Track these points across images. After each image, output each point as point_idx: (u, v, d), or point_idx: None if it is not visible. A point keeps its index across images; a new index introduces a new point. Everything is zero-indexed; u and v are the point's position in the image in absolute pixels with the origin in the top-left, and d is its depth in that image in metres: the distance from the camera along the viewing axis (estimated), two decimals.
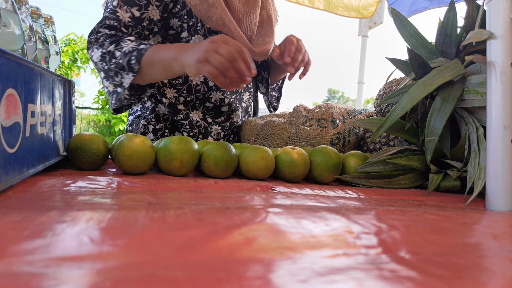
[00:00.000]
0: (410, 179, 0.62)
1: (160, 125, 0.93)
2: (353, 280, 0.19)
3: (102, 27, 0.77)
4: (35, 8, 0.67)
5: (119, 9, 0.77)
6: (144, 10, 0.79)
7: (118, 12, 0.76)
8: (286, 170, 0.60)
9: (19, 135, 0.38)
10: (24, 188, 0.39)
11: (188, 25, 0.84)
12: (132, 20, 0.78)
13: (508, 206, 0.44)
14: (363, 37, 2.53)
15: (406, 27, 0.66)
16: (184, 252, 0.22)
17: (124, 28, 0.78)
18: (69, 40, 6.92)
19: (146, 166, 0.55)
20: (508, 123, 0.44)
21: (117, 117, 6.75)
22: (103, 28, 0.77)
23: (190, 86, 0.90)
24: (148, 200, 0.37)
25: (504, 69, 0.45)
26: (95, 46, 0.75)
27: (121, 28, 0.77)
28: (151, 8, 0.79)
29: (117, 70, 0.74)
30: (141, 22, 0.79)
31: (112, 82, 0.77)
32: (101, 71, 0.77)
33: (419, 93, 0.55)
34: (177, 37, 0.86)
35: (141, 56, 0.72)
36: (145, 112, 0.95)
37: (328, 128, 0.84)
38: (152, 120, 0.92)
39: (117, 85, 0.77)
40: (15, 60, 0.37)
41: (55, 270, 0.18)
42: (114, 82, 0.76)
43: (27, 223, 0.25)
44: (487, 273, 0.23)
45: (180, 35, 0.85)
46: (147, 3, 0.78)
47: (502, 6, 0.45)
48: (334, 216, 0.34)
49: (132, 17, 0.78)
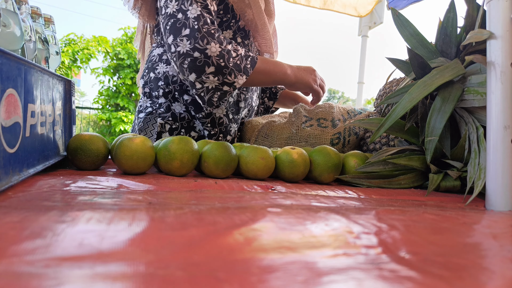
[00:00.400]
0: (410, 179, 0.62)
1: (176, 124, 0.92)
2: (353, 280, 0.19)
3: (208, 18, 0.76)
4: (35, 8, 0.67)
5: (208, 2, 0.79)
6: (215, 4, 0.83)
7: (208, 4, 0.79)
8: (286, 170, 0.60)
9: (19, 135, 0.38)
10: (24, 188, 0.39)
11: (222, 20, 0.87)
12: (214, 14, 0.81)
13: (508, 206, 0.44)
14: (363, 37, 2.53)
15: (406, 27, 0.66)
16: (184, 252, 0.22)
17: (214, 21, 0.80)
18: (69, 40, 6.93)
19: (146, 166, 0.55)
20: (508, 123, 0.44)
21: (117, 117, 6.76)
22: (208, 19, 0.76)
23: None
24: (148, 200, 0.37)
25: (504, 69, 0.45)
26: (212, 39, 0.74)
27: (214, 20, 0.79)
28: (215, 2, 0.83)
29: (234, 69, 0.77)
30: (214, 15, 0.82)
31: (222, 79, 0.77)
32: (211, 66, 0.75)
33: (419, 93, 0.55)
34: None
35: (255, 63, 0.80)
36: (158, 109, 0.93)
37: (328, 128, 0.84)
38: (169, 119, 0.91)
39: (226, 83, 0.79)
40: (15, 60, 0.37)
41: (55, 270, 0.18)
42: (226, 79, 0.78)
43: (27, 223, 0.25)
44: (487, 273, 0.23)
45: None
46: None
47: (502, 6, 0.45)
48: (334, 216, 0.34)
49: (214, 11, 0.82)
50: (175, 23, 0.76)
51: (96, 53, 6.92)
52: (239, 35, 0.90)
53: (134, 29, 7.11)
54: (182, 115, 0.91)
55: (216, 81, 0.78)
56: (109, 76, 7.01)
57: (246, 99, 0.98)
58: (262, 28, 0.90)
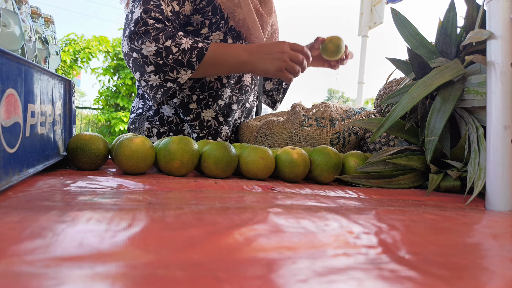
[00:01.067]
0: (410, 179, 0.62)
1: (164, 128, 0.93)
2: (353, 280, 0.19)
3: (149, 18, 0.76)
4: (35, 8, 0.67)
5: (162, 2, 0.78)
6: (182, 5, 0.81)
7: (162, 5, 0.78)
8: (286, 170, 0.60)
9: (19, 135, 0.38)
10: (24, 188, 0.39)
11: (211, 22, 0.86)
12: (172, 14, 0.79)
13: (508, 206, 0.44)
14: (363, 37, 2.53)
15: (406, 27, 0.66)
16: (184, 252, 0.22)
17: (166, 21, 0.79)
18: (70, 40, 6.92)
19: (146, 166, 0.55)
20: (508, 123, 0.44)
21: (117, 117, 6.75)
22: (150, 19, 0.76)
23: (204, 83, 0.91)
24: (148, 200, 0.37)
25: (504, 69, 0.45)
26: (147, 39, 0.75)
27: (165, 21, 0.78)
28: (187, 4, 0.82)
29: (175, 65, 0.77)
30: (178, 16, 0.81)
31: (164, 76, 0.78)
32: (150, 65, 0.77)
33: (419, 93, 0.55)
34: (195, 33, 0.87)
35: (203, 55, 0.77)
36: (147, 112, 0.94)
37: (327, 127, 0.84)
38: (156, 123, 0.92)
39: (169, 80, 0.79)
40: (15, 60, 0.37)
41: (55, 270, 0.18)
42: (167, 76, 0.78)
43: (27, 223, 0.25)
44: (487, 273, 0.23)
45: (200, 31, 0.87)
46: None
47: (502, 6, 0.45)
48: (334, 216, 0.34)
49: (172, 11, 0.79)
50: (124, 24, 0.80)
51: (97, 52, 6.92)
52: (230, 36, 0.89)
53: None
54: (171, 118, 0.92)
55: (158, 79, 0.79)
56: (109, 76, 7.01)
57: (239, 101, 0.97)
58: (253, 27, 0.89)
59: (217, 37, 0.87)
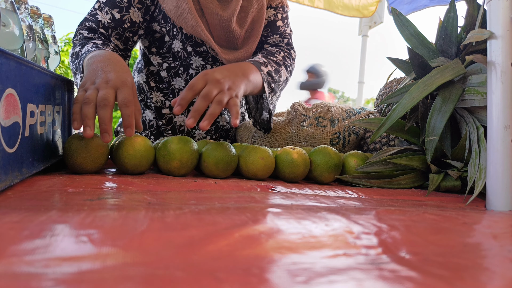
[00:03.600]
0: (410, 179, 0.62)
1: (146, 132, 0.95)
2: (353, 280, 0.19)
3: (83, 29, 0.78)
4: (35, 8, 0.67)
5: (99, 12, 0.78)
6: (125, 12, 0.79)
7: (98, 14, 0.78)
8: (286, 170, 0.60)
9: (18, 135, 0.38)
10: (24, 188, 0.38)
11: (166, 30, 0.84)
12: (112, 21, 0.79)
13: (508, 206, 0.44)
14: (363, 37, 2.53)
15: (406, 26, 0.66)
16: (184, 252, 0.22)
17: (103, 29, 0.78)
18: (69, 40, 6.93)
19: (148, 165, 0.55)
20: (508, 123, 0.44)
21: (117, 117, 6.76)
22: (83, 30, 0.78)
23: (173, 90, 0.92)
24: (148, 200, 0.37)
25: (505, 68, 0.45)
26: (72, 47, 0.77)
27: (100, 29, 0.78)
28: (133, 10, 0.80)
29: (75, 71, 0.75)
30: (122, 23, 0.80)
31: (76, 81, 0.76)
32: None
33: (419, 93, 0.55)
34: (161, 41, 0.86)
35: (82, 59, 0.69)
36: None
37: (327, 127, 0.84)
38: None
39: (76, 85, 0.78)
40: (15, 60, 0.37)
41: (55, 270, 0.18)
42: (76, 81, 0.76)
43: (27, 223, 0.25)
44: (487, 273, 0.23)
45: (164, 39, 0.86)
46: (128, 5, 0.79)
47: (502, 6, 0.45)
48: (334, 216, 0.34)
49: (112, 18, 0.78)
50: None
51: None
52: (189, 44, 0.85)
53: None
54: (151, 122, 0.95)
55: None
56: None
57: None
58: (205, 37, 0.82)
59: (178, 46, 0.85)
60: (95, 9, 0.78)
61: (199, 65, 0.88)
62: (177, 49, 0.85)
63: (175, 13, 0.79)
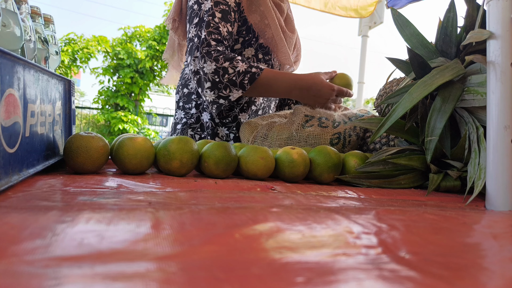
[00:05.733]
0: (410, 179, 0.62)
1: (204, 133, 1.03)
2: (353, 280, 0.19)
3: (212, 39, 0.88)
4: (35, 8, 0.67)
5: (220, 25, 0.90)
6: (232, 26, 0.93)
7: (220, 27, 0.90)
8: (286, 170, 0.60)
9: (18, 135, 0.38)
10: (24, 188, 0.39)
11: (244, 39, 0.98)
12: (228, 34, 0.92)
13: (508, 206, 0.44)
14: (363, 37, 2.53)
15: (406, 27, 0.66)
16: (184, 252, 0.22)
17: (224, 41, 0.90)
18: (69, 40, 6.93)
19: (149, 165, 0.55)
20: (508, 123, 0.44)
21: (117, 117, 6.76)
22: (212, 40, 0.88)
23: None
24: (148, 200, 0.37)
25: (504, 69, 0.45)
26: (209, 59, 0.86)
27: (223, 41, 0.90)
28: (236, 25, 0.95)
29: (229, 84, 0.86)
30: (232, 36, 0.94)
31: (218, 93, 0.88)
32: (208, 82, 0.87)
33: (419, 93, 0.55)
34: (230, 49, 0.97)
35: (254, 79, 0.86)
36: (189, 120, 1.04)
37: (328, 127, 0.84)
38: (198, 130, 1.03)
39: (222, 96, 0.89)
40: (15, 60, 0.37)
41: (55, 270, 0.18)
42: (221, 93, 0.88)
43: (27, 223, 0.25)
44: (487, 273, 0.23)
45: (234, 47, 0.99)
46: (234, 20, 0.93)
47: (502, 6, 0.45)
48: (334, 216, 0.34)
49: (228, 31, 0.92)
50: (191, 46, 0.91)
51: (96, 52, 6.92)
52: (261, 52, 1.01)
53: (134, 29, 7.11)
54: (207, 124, 1.02)
55: (213, 95, 0.89)
56: (109, 76, 7.01)
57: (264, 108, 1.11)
58: (279, 43, 1.00)
59: (249, 52, 1.00)
60: (216, 22, 0.89)
61: None
62: (248, 55, 1.00)
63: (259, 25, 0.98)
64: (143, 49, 7.00)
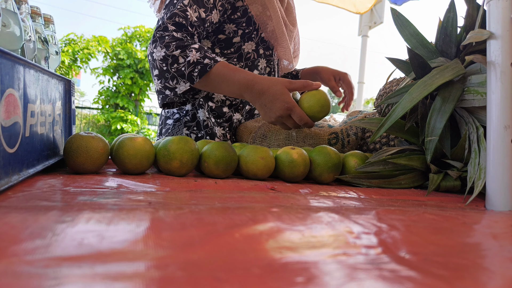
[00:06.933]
0: (410, 179, 0.62)
1: (201, 133, 0.96)
2: (353, 280, 0.19)
3: (171, 23, 0.78)
4: (35, 8, 0.67)
5: (189, 8, 0.80)
6: (209, 13, 0.83)
7: (188, 11, 0.79)
8: (286, 170, 0.60)
9: (18, 135, 0.38)
10: (24, 188, 0.39)
11: (244, 32, 0.91)
12: (198, 20, 0.81)
13: (508, 206, 0.44)
14: (363, 37, 2.53)
15: (406, 27, 0.66)
16: (184, 252, 0.22)
17: (190, 27, 0.80)
18: (69, 40, 6.93)
19: (149, 165, 0.55)
20: (508, 123, 0.44)
21: (117, 117, 6.76)
22: (171, 25, 0.78)
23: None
24: (148, 200, 0.37)
25: (504, 69, 0.45)
26: (159, 44, 0.76)
27: (188, 26, 0.80)
28: (215, 12, 0.84)
29: (176, 75, 0.77)
30: (204, 23, 0.83)
31: (164, 83, 0.79)
32: (156, 69, 0.79)
33: (419, 93, 0.55)
34: (228, 42, 0.92)
35: (205, 72, 0.76)
36: (184, 117, 0.97)
37: (324, 127, 0.84)
38: (194, 128, 0.96)
39: (168, 88, 0.79)
40: (15, 60, 0.37)
41: (55, 270, 0.18)
42: (167, 84, 0.79)
43: (27, 223, 0.25)
44: (487, 273, 0.23)
45: (232, 40, 0.91)
46: (213, 6, 0.83)
47: (502, 6, 0.45)
48: (334, 216, 0.34)
49: (198, 17, 0.81)
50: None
51: (96, 53, 6.93)
52: (262, 47, 0.95)
53: (134, 29, 7.11)
54: (205, 122, 0.95)
55: (160, 84, 0.80)
56: (109, 76, 7.01)
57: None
58: (281, 37, 0.95)
59: (250, 47, 0.93)
60: (185, 5, 0.79)
61: (263, 67, 0.97)
62: (248, 50, 0.93)
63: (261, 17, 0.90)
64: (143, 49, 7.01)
